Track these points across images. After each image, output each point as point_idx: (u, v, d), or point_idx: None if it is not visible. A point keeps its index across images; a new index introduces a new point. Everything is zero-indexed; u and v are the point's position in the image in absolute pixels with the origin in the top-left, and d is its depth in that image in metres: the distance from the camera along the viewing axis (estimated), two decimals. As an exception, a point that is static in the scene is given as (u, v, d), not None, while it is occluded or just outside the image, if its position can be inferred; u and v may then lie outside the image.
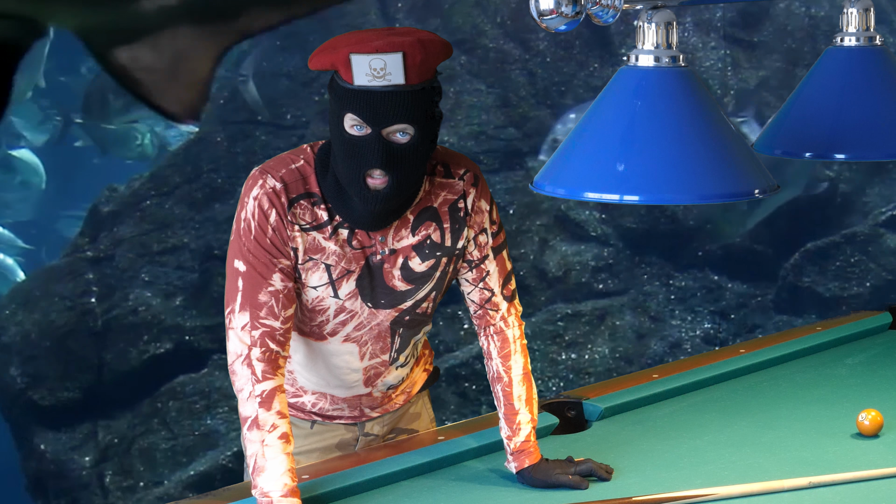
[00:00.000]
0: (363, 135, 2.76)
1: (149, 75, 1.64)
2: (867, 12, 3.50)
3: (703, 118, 2.60)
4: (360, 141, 2.77)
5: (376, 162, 2.76)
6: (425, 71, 2.76)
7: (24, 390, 7.89)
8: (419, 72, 2.74)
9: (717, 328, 8.04)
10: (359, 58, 2.72)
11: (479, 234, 3.01)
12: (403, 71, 2.72)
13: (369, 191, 2.80)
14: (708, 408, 3.45)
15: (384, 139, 2.76)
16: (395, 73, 2.72)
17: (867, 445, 3.16)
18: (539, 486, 2.98)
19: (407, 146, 2.77)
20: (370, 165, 2.77)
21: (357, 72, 2.73)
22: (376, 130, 2.75)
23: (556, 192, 2.66)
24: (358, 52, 2.72)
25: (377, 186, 2.79)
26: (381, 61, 2.72)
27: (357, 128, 2.77)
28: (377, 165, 2.76)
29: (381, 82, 2.73)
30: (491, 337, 3.06)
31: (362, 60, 2.73)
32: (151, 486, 7.65)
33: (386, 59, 2.72)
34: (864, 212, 8.11)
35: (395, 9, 8.43)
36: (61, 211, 11.16)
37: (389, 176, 2.78)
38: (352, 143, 2.78)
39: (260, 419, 2.82)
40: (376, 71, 2.72)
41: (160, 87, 1.65)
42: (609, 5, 2.57)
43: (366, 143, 2.76)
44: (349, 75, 2.74)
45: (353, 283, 2.94)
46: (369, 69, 2.73)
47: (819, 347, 3.87)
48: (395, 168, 2.78)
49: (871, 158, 3.52)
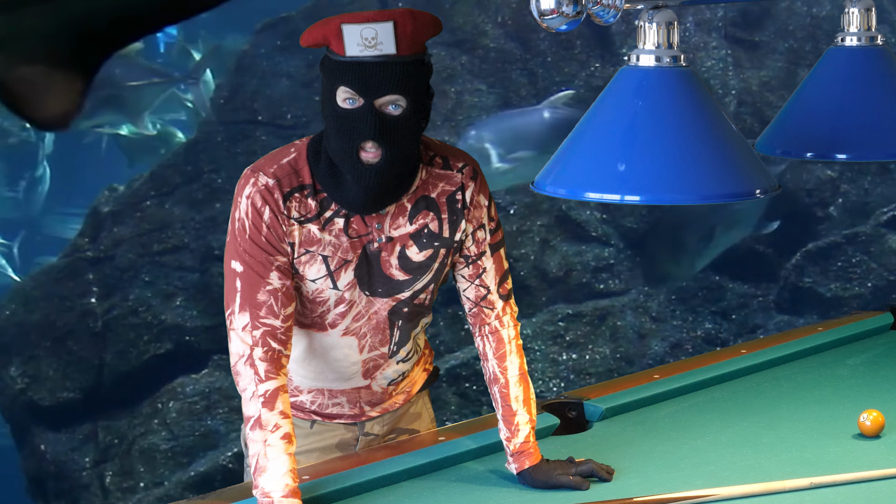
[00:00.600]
0: (356, 107, 2.78)
1: (20, 84, 1.64)
2: (868, 12, 3.50)
3: (704, 118, 2.60)
4: (352, 114, 2.78)
5: (369, 133, 2.77)
6: (416, 43, 2.77)
7: (23, 390, 7.88)
8: (410, 42, 2.76)
9: (718, 328, 8.04)
10: (350, 27, 2.74)
11: (476, 230, 3.01)
12: (395, 40, 2.74)
13: (363, 165, 2.80)
14: (709, 408, 3.45)
15: (377, 110, 2.77)
16: (387, 42, 2.74)
17: (869, 446, 3.15)
18: (540, 486, 2.97)
19: (399, 118, 2.78)
20: (363, 137, 2.78)
21: (349, 42, 2.75)
22: (369, 101, 2.77)
23: (557, 193, 2.65)
24: (349, 23, 2.74)
25: (370, 160, 2.80)
26: (373, 30, 2.73)
27: (350, 101, 2.78)
28: (370, 137, 2.77)
29: (372, 52, 2.74)
30: (486, 337, 3.06)
31: (354, 30, 2.74)
32: (152, 487, 7.65)
33: (377, 27, 2.73)
34: (865, 212, 8.10)
35: (394, 7, 8.43)
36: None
37: (382, 148, 2.78)
38: (344, 116, 2.79)
39: (263, 419, 2.82)
40: (367, 41, 2.74)
41: (32, 95, 1.65)
42: (610, 5, 2.57)
43: (358, 114, 2.77)
44: (341, 46, 2.76)
45: (352, 272, 2.94)
46: (360, 38, 2.74)
47: (820, 348, 3.87)
48: (387, 140, 2.78)
49: (873, 159, 3.52)
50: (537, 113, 7.84)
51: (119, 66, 9.43)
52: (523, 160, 7.60)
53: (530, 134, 7.70)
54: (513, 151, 7.63)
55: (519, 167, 7.63)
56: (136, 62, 9.57)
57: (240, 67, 8.54)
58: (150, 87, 9.58)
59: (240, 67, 8.54)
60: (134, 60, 9.55)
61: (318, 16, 8.42)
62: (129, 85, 9.51)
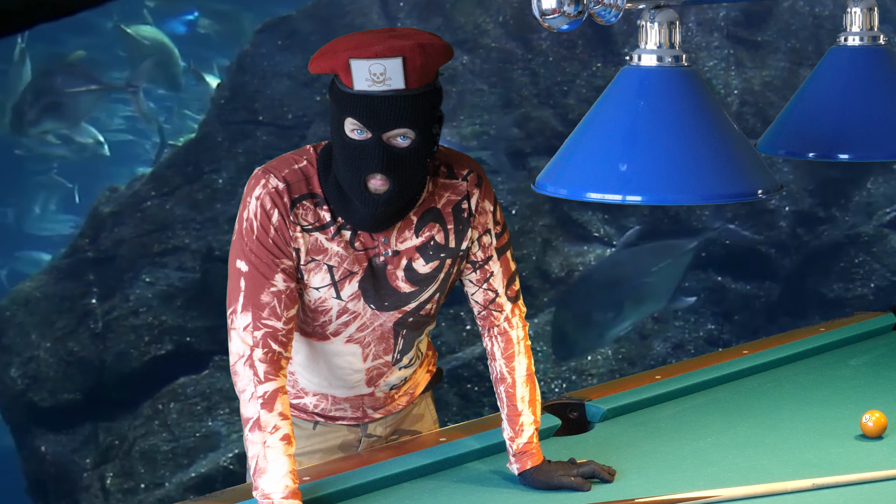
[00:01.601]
0: (363, 139, 2.75)
1: None
2: (871, 12, 3.48)
3: (707, 118, 2.59)
4: (360, 145, 2.75)
5: (377, 167, 2.75)
6: (425, 75, 2.74)
7: (24, 391, 7.88)
8: (419, 76, 2.73)
9: (720, 329, 8.03)
10: (358, 63, 2.71)
11: (482, 235, 3.00)
12: (403, 76, 2.71)
13: (370, 194, 2.79)
14: (711, 409, 3.44)
15: (384, 144, 2.75)
16: (395, 77, 2.71)
17: (871, 447, 3.15)
18: (541, 487, 2.97)
19: (407, 150, 2.76)
20: (370, 170, 2.76)
21: (357, 77, 2.72)
22: (377, 135, 2.74)
23: (559, 193, 2.64)
24: (357, 58, 2.71)
25: (378, 189, 2.78)
26: (381, 66, 2.70)
27: (357, 132, 2.76)
28: (377, 170, 2.75)
29: (380, 87, 2.71)
30: (495, 338, 3.06)
31: (362, 66, 2.71)
32: (152, 488, 7.64)
33: (386, 63, 2.70)
34: (868, 212, 8.08)
35: (396, 8, 8.42)
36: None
37: (390, 180, 2.77)
38: (352, 147, 2.76)
39: (262, 420, 2.81)
40: (376, 76, 2.71)
41: None
42: (611, 4, 2.56)
43: (366, 147, 2.75)
44: (349, 80, 2.73)
45: (356, 284, 2.93)
46: (369, 74, 2.71)
47: (822, 349, 3.87)
48: (395, 173, 2.76)
49: (875, 159, 3.51)
50: None
51: (61, 74, 9.48)
52: None
53: None
54: None
55: None
56: (78, 69, 9.63)
57: (240, 67, 8.53)
58: (88, 95, 9.61)
59: (240, 67, 8.53)
60: (77, 68, 9.61)
61: (318, 15, 8.42)
62: (68, 92, 9.55)
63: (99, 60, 10.46)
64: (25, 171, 11.12)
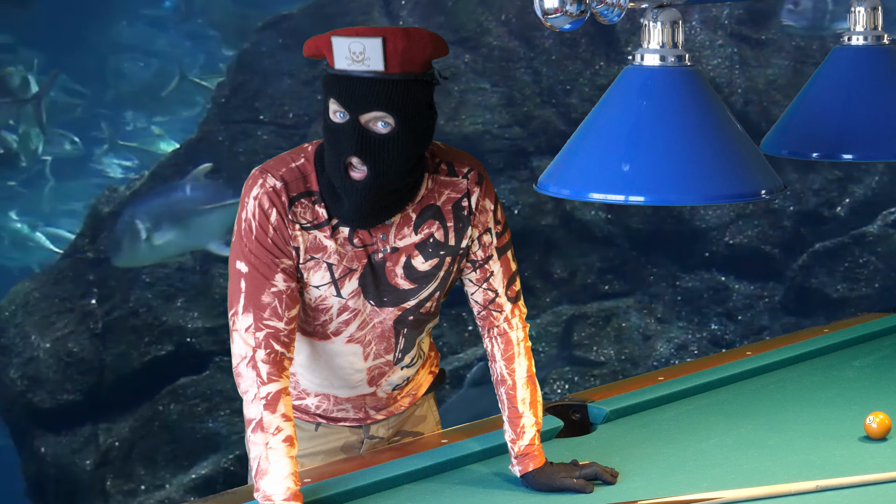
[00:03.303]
0: (343, 122, 2.76)
1: None
2: (875, 11, 3.47)
3: (710, 118, 2.58)
4: (339, 127, 2.77)
5: (351, 149, 2.75)
6: (408, 61, 2.74)
7: (23, 393, 7.87)
8: (400, 60, 2.73)
9: (723, 330, 8.02)
10: (339, 40, 2.73)
11: (483, 234, 3.00)
12: (383, 57, 2.72)
13: (350, 181, 2.79)
14: (714, 410, 3.45)
15: (361, 126, 2.75)
16: (374, 58, 2.72)
17: (875, 449, 3.14)
18: (543, 489, 2.97)
19: (386, 137, 2.76)
20: (346, 152, 2.76)
21: (337, 54, 2.73)
22: (353, 117, 2.75)
23: (561, 193, 2.63)
24: (339, 35, 2.73)
25: (356, 177, 2.78)
26: (361, 45, 2.71)
27: (339, 114, 2.77)
28: (352, 152, 2.76)
29: (359, 66, 2.72)
30: (494, 339, 3.05)
31: (342, 43, 2.73)
32: (153, 490, 7.64)
33: (365, 42, 2.71)
34: (872, 212, 8.07)
35: (398, 6, 8.40)
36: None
37: (367, 166, 2.77)
38: (333, 129, 2.78)
39: (264, 421, 2.80)
40: (355, 55, 2.72)
41: None
42: (614, 4, 2.54)
43: (344, 129, 2.76)
44: (332, 59, 2.74)
45: (356, 281, 2.93)
46: (349, 52, 2.72)
47: (827, 349, 3.87)
48: (371, 157, 2.76)
49: (879, 159, 3.50)
50: (181, 188, 7.87)
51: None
52: (169, 239, 7.67)
53: (175, 210, 7.75)
54: (159, 229, 7.68)
55: (165, 245, 7.70)
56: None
57: (241, 66, 8.52)
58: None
59: (241, 66, 8.52)
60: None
61: (319, 14, 8.41)
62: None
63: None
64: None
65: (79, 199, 9.89)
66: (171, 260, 7.96)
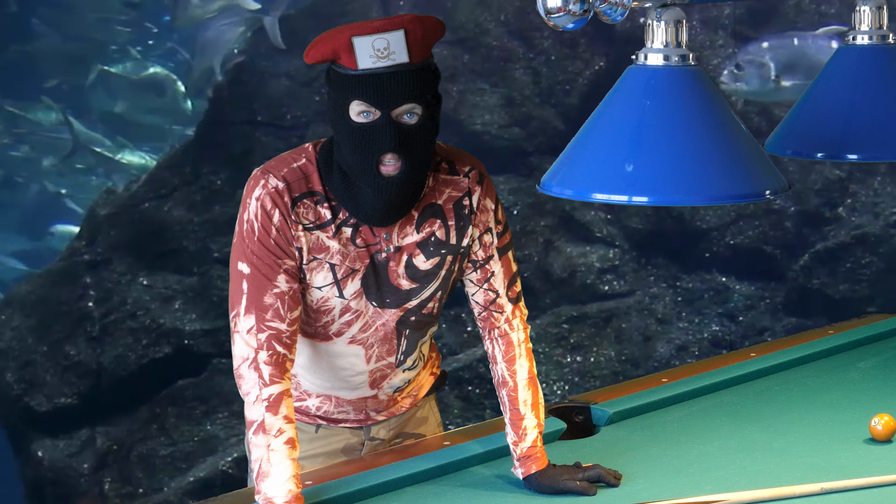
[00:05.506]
0: (371, 121, 2.75)
1: None
2: (880, 10, 3.46)
3: (714, 118, 2.57)
4: (369, 127, 2.74)
5: (389, 146, 2.74)
6: (425, 48, 2.75)
7: (20, 396, 7.85)
8: (420, 48, 2.74)
9: (725, 331, 8.00)
10: (361, 39, 2.71)
11: (484, 234, 2.99)
12: (407, 48, 2.72)
13: (383, 178, 2.78)
14: (718, 413, 3.45)
15: (394, 122, 2.74)
16: (399, 51, 2.72)
17: (880, 451, 3.14)
18: (546, 492, 2.97)
19: (416, 127, 2.76)
20: (382, 150, 2.75)
21: (360, 54, 2.72)
22: (385, 113, 2.74)
23: (564, 193, 2.62)
24: (360, 34, 2.72)
25: (390, 173, 2.77)
26: (384, 40, 2.71)
27: (365, 114, 2.75)
28: (390, 149, 2.74)
29: (385, 62, 2.72)
30: (495, 340, 3.04)
31: (365, 42, 2.71)
32: (151, 493, 7.63)
33: (389, 37, 2.71)
34: (875, 212, 8.05)
35: (396, 7, 8.39)
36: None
37: (402, 160, 2.76)
38: (361, 131, 2.75)
39: (266, 423, 2.80)
40: (380, 51, 2.71)
41: None
42: (617, 3, 2.54)
43: (376, 128, 2.74)
44: (352, 60, 2.72)
45: (359, 282, 2.92)
46: (373, 50, 2.71)
47: (831, 351, 3.88)
48: (407, 151, 2.76)
49: (884, 159, 3.48)
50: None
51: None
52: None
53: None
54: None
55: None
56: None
57: (239, 67, 8.50)
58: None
59: (239, 67, 8.50)
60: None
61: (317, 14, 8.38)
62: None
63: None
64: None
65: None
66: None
